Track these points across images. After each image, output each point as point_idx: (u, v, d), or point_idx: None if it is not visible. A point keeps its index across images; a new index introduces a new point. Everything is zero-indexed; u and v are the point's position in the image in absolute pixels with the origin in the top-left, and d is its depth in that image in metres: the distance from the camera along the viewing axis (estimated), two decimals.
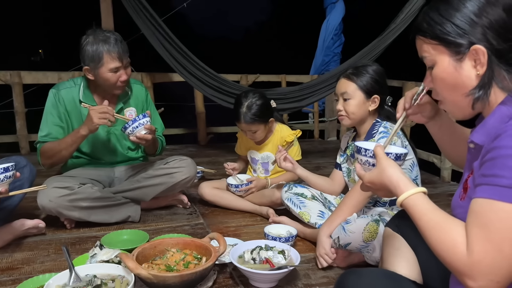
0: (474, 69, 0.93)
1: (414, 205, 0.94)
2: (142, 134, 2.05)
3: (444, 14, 0.93)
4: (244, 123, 2.34)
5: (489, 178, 0.81)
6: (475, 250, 0.79)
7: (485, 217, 0.80)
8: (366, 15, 11.64)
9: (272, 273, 1.54)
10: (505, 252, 0.77)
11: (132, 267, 1.38)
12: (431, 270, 1.23)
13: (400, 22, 3.56)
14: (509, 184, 0.78)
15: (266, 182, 2.43)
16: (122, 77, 2.13)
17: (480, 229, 0.80)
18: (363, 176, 1.11)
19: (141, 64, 4.15)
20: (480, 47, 0.90)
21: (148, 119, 2.07)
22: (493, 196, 0.79)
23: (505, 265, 0.77)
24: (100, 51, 2.06)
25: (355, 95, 1.88)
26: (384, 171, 1.02)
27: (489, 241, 0.78)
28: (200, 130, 4.49)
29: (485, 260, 0.78)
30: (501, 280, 0.78)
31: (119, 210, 2.18)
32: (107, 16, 3.71)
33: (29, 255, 1.85)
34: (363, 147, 1.14)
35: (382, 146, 1.09)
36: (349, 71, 1.91)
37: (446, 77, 0.97)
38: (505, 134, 0.81)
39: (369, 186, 1.10)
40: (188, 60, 3.53)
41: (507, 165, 0.79)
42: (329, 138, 5.06)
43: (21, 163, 2.03)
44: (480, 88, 0.92)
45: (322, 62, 5.25)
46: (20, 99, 3.78)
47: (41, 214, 2.22)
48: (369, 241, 1.64)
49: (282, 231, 1.97)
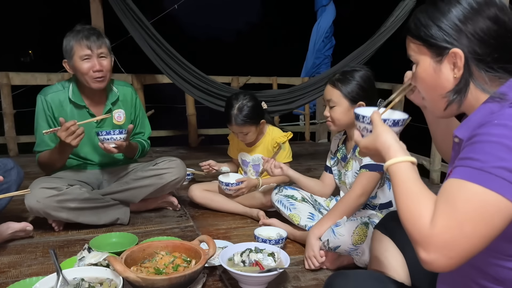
0: (452, 71, 0.95)
1: (398, 171, 0.95)
2: (110, 147, 2.10)
3: (431, 17, 0.96)
4: (235, 125, 2.34)
5: (464, 161, 0.83)
6: (438, 224, 0.81)
7: (454, 195, 0.82)
8: (357, 18, 11.72)
9: (261, 276, 1.53)
10: (465, 230, 0.78)
11: (120, 270, 1.37)
12: (419, 272, 1.24)
13: (390, 25, 3.59)
14: (481, 167, 0.80)
15: (257, 182, 2.42)
16: (95, 67, 2.12)
17: (447, 205, 0.82)
18: (360, 142, 1.13)
19: (132, 66, 4.13)
20: (458, 51, 0.92)
21: (124, 136, 2.09)
22: (464, 176, 0.81)
23: (462, 243, 0.79)
24: (71, 41, 2.13)
25: (340, 102, 1.88)
26: (379, 136, 1.04)
27: (453, 218, 0.80)
28: (191, 132, 4.47)
29: (444, 235, 0.80)
30: (454, 256, 0.79)
31: (108, 212, 2.16)
32: (97, 17, 3.69)
33: (16, 258, 1.82)
34: (361, 113, 1.14)
35: (379, 113, 1.10)
36: (336, 76, 1.91)
37: (426, 77, 1.00)
38: (488, 124, 0.83)
39: (364, 151, 1.12)
40: (176, 62, 3.51)
41: (483, 150, 0.81)
42: (320, 140, 5.08)
43: (8, 165, 2.01)
44: (455, 92, 0.95)
45: (313, 65, 5.27)
46: (8, 100, 3.74)
47: (29, 216, 2.20)
48: (358, 244, 1.65)
49: (272, 234, 1.97)
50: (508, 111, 0.84)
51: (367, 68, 1.94)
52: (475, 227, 0.78)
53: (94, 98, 2.26)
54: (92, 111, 2.26)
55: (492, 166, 0.78)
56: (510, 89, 0.90)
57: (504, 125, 0.81)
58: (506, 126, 0.81)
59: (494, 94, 0.91)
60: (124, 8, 3.34)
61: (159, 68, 3.55)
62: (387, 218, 1.47)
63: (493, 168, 0.78)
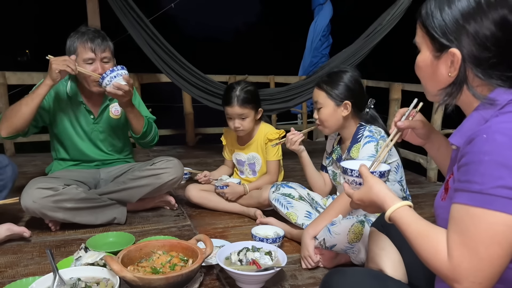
0: (448, 70, 0.95)
1: (400, 217, 0.97)
2: (120, 83, 2.06)
3: (440, 6, 0.95)
4: (237, 105, 2.32)
5: (464, 184, 0.84)
6: (454, 255, 0.82)
7: (461, 222, 0.83)
8: (354, 17, 11.71)
9: (258, 275, 1.53)
10: (480, 254, 0.79)
11: (117, 270, 1.37)
12: (416, 269, 1.24)
13: (386, 23, 3.59)
14: (480, 189, 0.81)
15: (243, 190, 2.39)
16: (97, 71, 2.14)
17: (457, 234, 0.83)
18: (352, 195, 1.16)
19: (129, 65, 4.11)
20: (457, 52, 0.91)
21: (126, 71, 2.08)
22: (467, 201, 0.83)
23: (483, 266, 0.79)
24: (76, 42, 2.13)
25: (326, 104, 1.91)
26: (372, 188, 1.07)
27: (465, 245, 0.81)
28: (188, 131, 4.47)
29: (463, 264, 0.81)
30: (483, 281, 0.80)
31: (105, 212, 2.16)
32: (94, 16, 3.69)
33: (13, 258, 1.82)
34: (349, 167, 1.19)
35: (366, 166, 1.15)
36: (322, 78, 1.94)
37: (423, 67, 1.02)
38: (478, 139, 0.83)
39: (358, 203, 1.14)
40: (174, 60, 3.51)
41: (478, 171, 0.81)
42: (317, 139, 5.08)
43: (3, 163, 2.02)
44: (446, 94, 0.96)
45: (310, 63, 5.28)
46: (4, 100, 3.72)
47: (24, 216, 2.19)
48: (354, 242, 1.65)
49: (269, 232, 1.97)
50: (497, 120, 0.84)
51: (353, 68, 1.96)
52: (489, 249, 0.79)
53: (92, 96, 2.27)
54: (89, 107, 2.26)
55: (491, 187, 0.79)
56: (499, 95, 0.90)
57: (493, 140, 0.81)
58: (495, 141, 0.81)
59: (485, 100, 0.91)
60: (123, 6, 3.33)
61: (158, 66, 3.55)
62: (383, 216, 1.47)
63: (492, 189, 0.79)
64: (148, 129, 2.32)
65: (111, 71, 2.05)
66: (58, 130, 2.28)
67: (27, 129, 2.13)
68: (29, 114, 2.05)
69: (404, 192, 1.95)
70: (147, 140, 2.36)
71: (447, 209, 0.89)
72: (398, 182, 1.92)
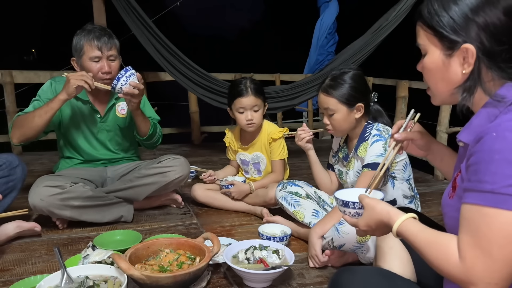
0: (461, 67, 0.93)
1: (407, 229, 0.96)
2: (136, 82, 2.04)
3: (445, 4, 0.93)
4: (252, 94, 2.30)
5: (474, 184, 0.83)
6: (467, 257, 0.81)
7: (473, 223, 0.82)
8: (360, 14, 11.67)
9: (266, 273, 1.53)
10: (494, 255, 0.78)
11: (124, 268, 1.37)
12: (425, 268, 1.23)
13: (392, 19, 3.56)
14: (491, 189, 0.79)
15: (248, 188, 2.39)
16: (103, 69, 2.14)
17: (469, 235, 0.82)
18: (357, 223, 1.12)
19: (134, 64, 4.11)
20: (471, 47, 0.90)
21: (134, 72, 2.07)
22: (478, 201, 0.81)
23: (498, 267, 0.78)
24: (82, 40, 2.13)
25: (338, 109, 1.85)
26: (374, 208, 1.05)
27: (478, 246, 0.80)
28: (194, 129, 4.47)
29: (477, 265, 0.80)
30: (499, 282, 0.79)
31: (112, 210, 2.16)
32: (100, 15, 3.70)
33: (21, 256, 1.82)
34: (350, 200, 1.14)
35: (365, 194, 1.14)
36: (327, 83, 1.87)
37: (434, 69, 0.99)
38: (487, 137, 0.82)
39: (366, 229, 1.11)
40: (178, 59, 3.51)
41: (489, 170, 0.80)
42: (323, 137, 5.06)
43: (13, 163, 2.03)
44: (464, 90, 0.94)
45: (316, 61, 5.26)
46: (11, 99, 3.74)
47: (32, 214, 2.20)
48: (363, 241, 1.64)
49: (276, 231, 1.97)
50: (506, 117, 0.83)
51: (355, 67, 1.93)
52: (503, 250, 0.78)
53: (98, 96, 2.27)
54: (96, 107, 2.26)
55: (502, 185, 0.78)
56: (508, 91, 0.89)
57: (503, 138, 0.80)
58: (505, 139, 0.80)
59: (494, 97, 0.89)
60: (126, 6, 3.34)
61: (161, 66, 3.55)
62: None
63: (504, 188, 0.78)
64: (154, 131, 2.33)
65: (125, 71, 2.04)
66: (64, 130, 2.28)
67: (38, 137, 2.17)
68: (41, 126, 2.08)
69: (412, 190, 1.94)
70: (152, 141, 2.37)
71: (455, 207, 0.88)
72: (406, 180, 1.91)
